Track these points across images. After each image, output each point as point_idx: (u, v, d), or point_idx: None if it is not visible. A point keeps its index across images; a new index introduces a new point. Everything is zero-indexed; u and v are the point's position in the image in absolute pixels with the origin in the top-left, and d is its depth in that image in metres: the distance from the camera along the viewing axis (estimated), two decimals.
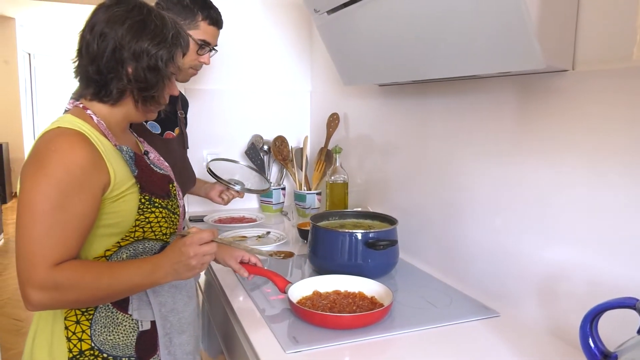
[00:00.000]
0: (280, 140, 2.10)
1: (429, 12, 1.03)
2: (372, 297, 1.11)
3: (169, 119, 1.52)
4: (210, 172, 1.72)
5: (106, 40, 0.87)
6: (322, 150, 2.00)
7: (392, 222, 1.36)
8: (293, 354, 0.91)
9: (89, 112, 0.91)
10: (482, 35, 0.94)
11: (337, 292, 1.13)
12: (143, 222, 0.92)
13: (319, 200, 1.99)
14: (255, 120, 2.16)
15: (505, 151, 1.11)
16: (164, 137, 1.50)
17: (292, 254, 1.32)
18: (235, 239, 1.67)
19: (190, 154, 1.68)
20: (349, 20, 1.31)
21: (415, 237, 1.45)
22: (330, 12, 1.36)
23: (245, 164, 1.99)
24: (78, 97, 0.95)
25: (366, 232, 1.26)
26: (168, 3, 1.37)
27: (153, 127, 1.47)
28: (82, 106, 0.91)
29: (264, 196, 2.11)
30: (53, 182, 0.79)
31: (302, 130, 2.24)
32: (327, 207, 1.78)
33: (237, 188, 1.71)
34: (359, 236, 1.25)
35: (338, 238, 1.27)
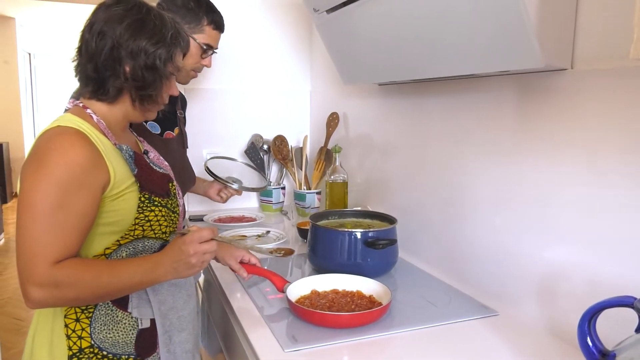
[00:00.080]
0: (280, 140, 2.10)
1: (428, 11, 1.03)
2: (371, 296, 1.12)
3: (169, 118, 1.52)
4: (208, 170, 1.72)
5: (105, 38, 0.87)
6: (321, 150, 2.00)
7: (392, 221, 1.36)
8: (292, 352, 0.91)
9: (89, 111, 0.91)
10: (481, 34, 0.94)
11: (335, 291, 1.13)
12: (143, 220, 0.92)
13: (318, 200, 1.99)
14: (255, 120, 2.16)
15: (505, 150, 1.11)
16: (164, 137, 1.50)
17: (292, 251, 1.32)
18: (235, 238, 1.67)
19: (190, 154, 1.68)
20: (348, 20, 1.32)
21: (415, 236, 1.45)
22: (329, 11, 1.36)
23: (243, 162, 1.99)
24: (78, 97, 0.95)
25: (365, 231, 1.26)
26: (172, 6, 1.38)
27: (153, 127, 1.47)
28: (82, 105, 0.92)
29: (264, 195, 2.11)
30: (53, 181, 0.80)
31: (301, 130, 2.24)
32: (327, 206, 1.78)
33: (235, 186, 1.72)
34: (358, 235, 1.25)
35: (337, 237, 1.27)
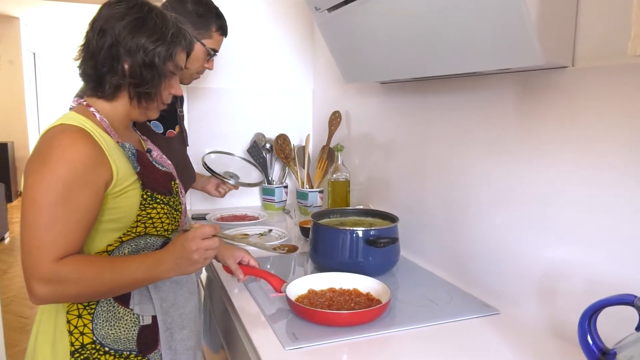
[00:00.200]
0: (283, 139, 2.10)
1: (429, 9, 1.03)
2: (368, 293, 1.12)
3: (170, 117, 1.53)
4: (205, 165, 1.73)
5: (105, 36, 0.88)
6: (324, 148, 2.00)
7: (393, 219, 1.37)
8: (292, 350, 0.92)
9: (92, 109, 0.92)
10: (482, 32, 0.94)
11: (332, 290, 1.13)
12: (145, 217, 0.93)
13: (321, 199, 1.99)
14: (257, 119, 2.17)
15: (506, 148, 1.11)
16: (166, 135, 1.51)
17: (296, 247, 1.32)
18: (237, 236, 1.68)
19: (192, 152, 1.69)
20: (349, 18, 1.32)
21: (417, 235, 1.45)
22: (330, 9, 1.36)
23: (240, 157, 1.99)
24: (82, 95, 0.96)
25: (367, 229, 1.26)
26: (183, 12, 1.38)
27: (156, 126, 1.48)
28: (85, 104, 0.93)
29: (266, 194, 2.11)
30: (56, 178, 0.81)
31: (304, 129, 2.24)
32: (329, 205, 1.79)
33: (232, 182, 1.73)
34: (359, 234, 1.25)
35: (339, 236, 1.27)
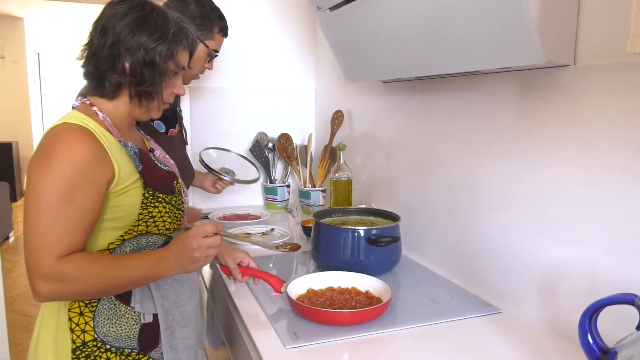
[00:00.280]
0: (285, 138, 2.11)
1: (431, 8, 1.03)
2: (367, 292, 1.12)
3: (171, 116, 1.54)
4: (202, 162, 1.74)
5: (106, 35, 0.88)
6: (326, 148, 2.00)
7: (395, 218, 1.37)
8: (293, 349, 0.92)
9: (95, 108, 0.92)
10: (483, 31, 0.94)
11: (331, 289, 1.14)
12: (146, 216, 0.93)
13: (323, 198, 1.99)
14: (259, 118, 2.17)
15: (508, 147, 1.11)
16: (168, 134, 1.52)
17: (299, 245, 1.32)
18: (239, 235, 1.68)
19: (193, 151, 1.70)
20: (351, 17, 1.32)
21: (419, 234, 1.45)
22: (332, 8, 1.36)
23: (237, 153, 2.00)
24: (85, 94, 0.97)
25: (368, 228, 1.26)
26: (187, 14, 1.38)
27: (159, 126, 1.49)
28: (88, 103, 0.93)
29: (269, 193, 2.12)
30: (58, 176, 0.81)
31: (306, 128, 2.24)
32: (332, 204, 1.79)
33: (227, 178, 1.74)
34: (361, 233, 1.25)
35: (340, 235, 1.27)
